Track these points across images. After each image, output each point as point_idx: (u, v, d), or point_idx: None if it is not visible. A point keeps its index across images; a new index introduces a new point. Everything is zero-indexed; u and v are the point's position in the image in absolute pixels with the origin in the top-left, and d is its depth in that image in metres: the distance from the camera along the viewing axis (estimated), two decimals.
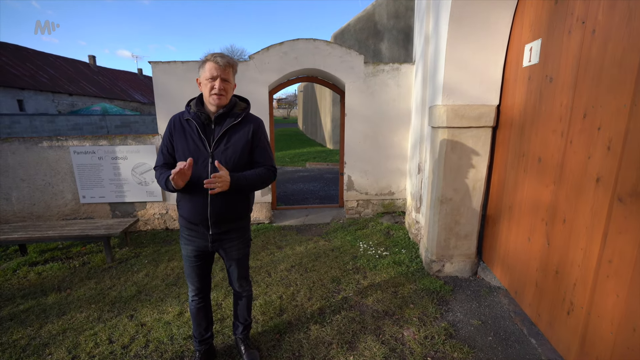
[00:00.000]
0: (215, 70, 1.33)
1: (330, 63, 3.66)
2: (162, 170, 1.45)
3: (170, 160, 1.47)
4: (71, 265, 3.06)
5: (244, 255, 1.64)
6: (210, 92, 1.35)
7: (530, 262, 1.89)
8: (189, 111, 1.42)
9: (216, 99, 1.36)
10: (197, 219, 1.45)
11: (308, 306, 2.27)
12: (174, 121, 1.45)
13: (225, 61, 1.35)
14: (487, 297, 2.33)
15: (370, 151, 3.94)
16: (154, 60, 3.46)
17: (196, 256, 1.56)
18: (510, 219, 2.17)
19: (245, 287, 1.73)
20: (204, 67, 1.36)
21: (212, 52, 1.38)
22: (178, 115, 1.46)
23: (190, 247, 1.54)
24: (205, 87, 1.36)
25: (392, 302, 2.29)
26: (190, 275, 1.61)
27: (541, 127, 1.79)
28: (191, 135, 1.40)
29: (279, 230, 3.78)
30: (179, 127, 1.42)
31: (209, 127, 1.42)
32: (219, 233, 1.51)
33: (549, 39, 1.72)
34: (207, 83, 1.35)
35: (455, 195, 2.48)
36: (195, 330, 1.73)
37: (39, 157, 3.59)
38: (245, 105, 1.52)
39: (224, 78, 1.35)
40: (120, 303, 2.40)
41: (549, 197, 1.70)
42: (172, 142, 1.44)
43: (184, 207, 1.48)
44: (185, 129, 1.41)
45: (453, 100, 2.34)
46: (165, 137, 1.46)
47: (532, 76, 1.90)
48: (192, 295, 1.67)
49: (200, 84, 1.40)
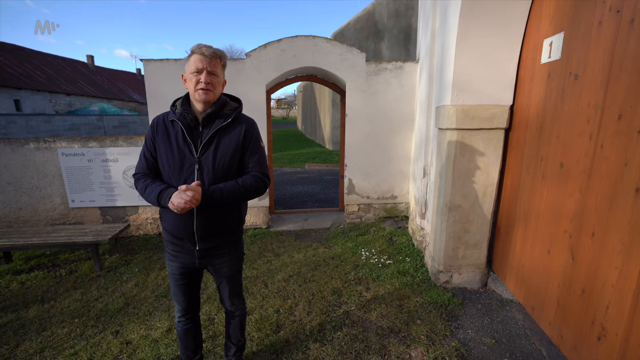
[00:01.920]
0: (201, 62, 1.19)
1: (331, 61, 3.50)
2: (146, 179, 1.27)
3: (155, 166, 1.30)
4: (57, 274, 2.89)
5: (236, 271, 1.48)
6: (195, 86, 1.21)
7: (551, 278, 1.73)
8: (174, 111, 1.28)
9: (202, 94, 1.21)
10: (182, 233, 1.29)
11: (307, 322, 2.11)
12: (157, 122, 1.29)
13: (212, 52, 1.20)
14: (500, 312, 2.17)
15: (372, 153, 3.77)
16: (146, 58, 3.30)
17: (182, 274, 1.40)
18: (526, 229, 2.00)
19: (238, 305, 1.57)
20: (189, 61, 1.22)
21: (198, 44, 1.22)
22: (162, 116, 1.31)
23: (175, 263, 1.38)
24: (191, 82, 1.22)
25: (397, 317, 2.12)
26: (176, 294, 1.45)
27: (563, 129, 1.63)
28: (176, 138, 1.25)
29: (276, 235, 3.61)
30: (162, 129, 1.28)
31: (196, 129, 1.27)
32: (207, 249, 1.34)
33: (573, 32, 1.56)
34: (192, 77, 1.21)
35: (465, 201, 2.32)
36: (183, 353, 1.57)
37: (25, 159, 3.43)
38: (237, 105, 1.35)
39: (211, 71, 1.21)
40: (106, 317, 2.23)
41: (574, 207, 1.54)
42: (155, 146, 1.29)
43: (167, 220, 1.32)
44: (169, 131, 1.27)
45: (463, 99, 2.18)
46: (147, 140, 1.30)
47: (552, 73, 1.74)
48: (179, 315, 1.51)
49: (186, 80, 1.25)
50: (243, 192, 1.26)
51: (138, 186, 1.28)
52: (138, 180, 1.29)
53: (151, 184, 1.24)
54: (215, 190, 1.21)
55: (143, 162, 1.30)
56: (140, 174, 1.30)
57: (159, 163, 1.28)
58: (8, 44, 16.65)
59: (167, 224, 1.33)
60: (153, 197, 1.21)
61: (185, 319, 1.50)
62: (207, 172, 1.25)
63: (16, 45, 17.09)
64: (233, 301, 1.53)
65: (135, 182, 1.30)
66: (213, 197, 1.20)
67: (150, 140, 1.29)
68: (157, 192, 1.20)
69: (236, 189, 1.25)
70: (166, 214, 1.30)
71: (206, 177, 1.25)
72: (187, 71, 1.22)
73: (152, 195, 1.21)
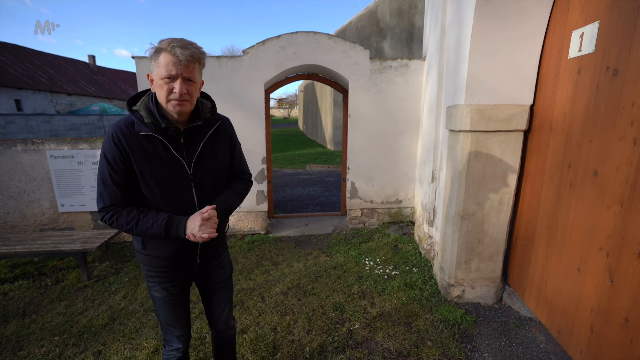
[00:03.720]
0: (175, 66, 0.92)
1: (333, 58, 3.31)
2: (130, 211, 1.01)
3: (130, 192, 1.03)
4: (43, 284, 2.73)
5: (230, 273, 1.36)
6: (167, 96, 0.96)
7: (582, 300, 1.53)
8: (141, 121, 0.99)
9: (177, 106, 0.97)
10: (184, 257, 1.15)
11: (307, 342, 1.92)
12: (124, 138, 0.98)
13: (189, 54, 0.93)
14: (519, 332, 1.97)
15: (376, 156, 3.58)
16: (137, 55, 3.13)
17: (180, 292, 1.21)
18: (550, 242, 1.81)
19: (233, 319, 1.41)
20: (157, 61, 0.93)
21: (169, 39, 0.94)
22: (125, 128, 0.99)
23: (170, 283, 1.18)
24: (161, 90, 0.96)
25: (405, 338, 1.93)
26: (172, 321, 1.21)
27: (598, 132, 1.44)
28: (160, 156, 1.02)
29: (275, 242, 3.43)
30: (135, 147, 0.99)
31: (178, 141, 1.05)
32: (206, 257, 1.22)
33: (611, 21, 1.37)
34: (162, 84, 0.95)
35: (479, 210, 2.13)
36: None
37: (13, 161, 3.27)
38: (210, 103, 1.15)
39: (187, 77, 0.95)
40: (89, 334, 2.06)
41: (612, 222, 1.35)
42: (128, 167, 1.00)
43: (161, 248, 1.10)
44: (145, 147, 1.00)
45: (478, 99, 1.98)
46: (111, 161, 0.98)
47: (583, 69, 1.54)
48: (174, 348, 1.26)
49: (152, 81, 0.98)
50: (240, 200, 1.23)
51: (119, 221, 1.00)
52: (118, 215, 1.00)
53: (143, 216, 1.01)
54: (221, 205, 1.12)
55: (114, 189, 1.00)
56: (116, 205, 1.02)
57: (143, 187, 1.02)
58: (9, 43, 16.61)
59: (161, 251, 1.11)
60: (156, 231, 1.01)
61: (183, 349, 1.28)
62: (207, 187, 1.12)
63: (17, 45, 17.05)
64: (229, 314, 1.36)
65: (111, 218, 1.00)
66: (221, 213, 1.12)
67: (119, 161, 0.98)
68: (163, 224, 1.01)
69: (236, 200, 1.20)
70: (158, 242, 1.10)
71: (207, 194, 1.12)
72: (156, 74, 0.95)
73: (155, 229, 1.01)
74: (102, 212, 1.02)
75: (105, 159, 0.99)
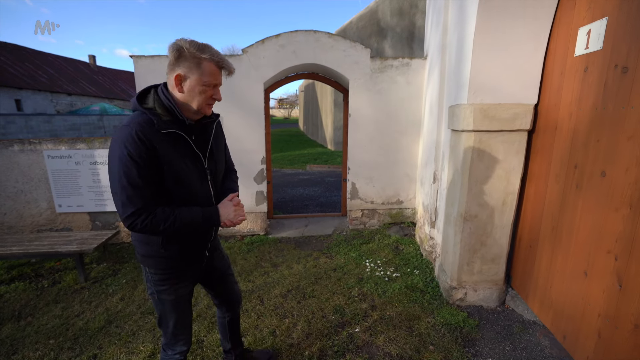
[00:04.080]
0: (217, 76, 1.03)
1: (333, 57, 3.27)
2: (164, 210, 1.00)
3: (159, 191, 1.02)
4: (39, 285, 2.69)
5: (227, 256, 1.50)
6: (207, 101, 1.04)
7: (589, 304, 1.49)
8: (161, 120, 1.00)
9: (209, 110, 1.07)
10: (201, 248, 1.23)
11: (306, 346, 1.89)
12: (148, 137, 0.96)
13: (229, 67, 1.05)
14: (522, 336, 1.93)
15: (377, 156, 3.54)
16: (135, 54, 3.09)
17: (188, 293, 1.25)
18: (555, 244, 1.77)
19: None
20: (202, 68, 0.98)
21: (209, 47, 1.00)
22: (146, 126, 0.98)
23: (182, 284, 1.20)
24: (202, 94, 1.01)
25: (407, 342, 1.89)
26: (178, 324, 1.22)
27: (606, 131, 1.40)
28: (183, 152, 1.05)
29: (275, 243, 3.40)
30: (160, 143, 0.98)
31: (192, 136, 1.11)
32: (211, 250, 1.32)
33: (620, 17, 1.33)
34: (204, 89, 1.01)
35: (482, 211, 2.09)
36: None
37: (9, 161, 3.24)
38: None
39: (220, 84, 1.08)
40: (85, 337, 2.03)
41: (621, 225, 1.30)
42: (155, 164, 0.98)
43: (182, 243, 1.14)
44: (169, 144, 1.01)
45: (481, 98, 1.94)
46: (141, 160, 0.95)
47: (590, 67, 1.50)
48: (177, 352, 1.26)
49: (185, 83, 0.99)
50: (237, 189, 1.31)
51: (155, 221, 0.98)
52: (153, 216, 0.98)
53: (178, 212, 1.03)
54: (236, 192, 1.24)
55: (144, 190, 0.96)
56: (147, 206, 0.98)
57: (169, 183, 1.02)
58: (9, 43, 16.61)
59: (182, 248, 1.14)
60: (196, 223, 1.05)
61: (186, 352, 1.30)
62: (217, 179, 1.22)
63: (17, 45, 17.04)
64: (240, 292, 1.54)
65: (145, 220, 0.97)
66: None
67: (147, 158, 0.96)
68: (201, 215, 1.07)
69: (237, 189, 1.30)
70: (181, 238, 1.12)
71: (217, 185, 1.23)
72: (196, 80, 0.98)
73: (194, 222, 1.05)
74: (134, 217, 0.96)
75: (129, 159, 0.93)
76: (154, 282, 1.15)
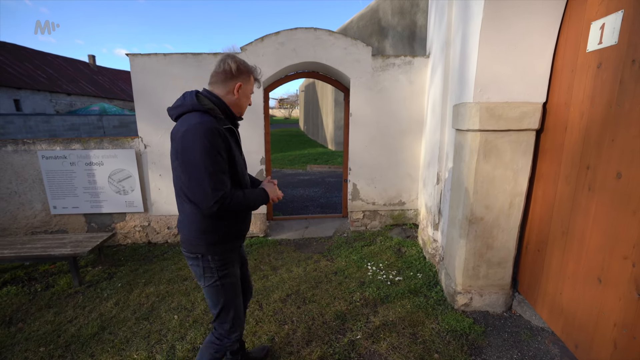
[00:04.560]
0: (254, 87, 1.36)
1: (334, 56, 3.20)
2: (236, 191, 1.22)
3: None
4: (32, 290, 2.63)
5: None
6: (247, 105, 1.36)
7: (604, 312, 1.42)
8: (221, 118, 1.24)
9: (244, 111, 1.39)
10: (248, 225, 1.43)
11: (306, 354, 1.81)
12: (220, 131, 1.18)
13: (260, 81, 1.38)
14: (530, 344, 1.86)
15: (378, 156, 3.47)
16: (132, 53, 3.03)
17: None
18: (565, 248, 1.69)
19: None
20: (249, 80, 1.30)
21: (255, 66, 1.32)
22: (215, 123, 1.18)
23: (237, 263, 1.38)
24: (246, 100, 1.34)
25: (410, 349, 1.82)
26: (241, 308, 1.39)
27: (622, 131, 1.32)
28: (237, 145, 1.32)
29: (274, 245, 3.33)
30: (228, 138, 1.22)
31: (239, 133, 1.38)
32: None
33: (637, 9, 1.25)
34: (249, 96, 1.34)
35: (488, 213, 2.02)
36: None
37: (3, 162, 3.17)
38: None
39: None
40: (77, 345, 1.96)
41: (638, 230, 1.23)
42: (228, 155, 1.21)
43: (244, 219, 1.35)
44: (230, 138, 1.24)
45: (487, 96, 1.87)
46: (220, 151, 1.16)
47: (603, 63, 1.43)
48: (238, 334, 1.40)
49: (239, 92, 1.29)
50: None
51: (235, 200, 1.20)
52: (232, 196, 1.19)
53: (244, 193, 1.25)
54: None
55: (225, 178, 1.18)
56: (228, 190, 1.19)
57: (233, 171, 1.25)
58: (9, 43, 16.55)
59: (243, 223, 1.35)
60: (258, 200, 1.28)
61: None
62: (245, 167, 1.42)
63: (17, 45, 16.98)
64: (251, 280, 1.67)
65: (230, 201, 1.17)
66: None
67: (223, 151, 1.17)
68: (261, 194, 1.30)
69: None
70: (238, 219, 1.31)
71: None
72: (245, 89, 1.29)
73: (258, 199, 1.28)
74: (223, 199, 1.15)
75: (214, 150, 1.12)
76: (217, 270, 1.27)
